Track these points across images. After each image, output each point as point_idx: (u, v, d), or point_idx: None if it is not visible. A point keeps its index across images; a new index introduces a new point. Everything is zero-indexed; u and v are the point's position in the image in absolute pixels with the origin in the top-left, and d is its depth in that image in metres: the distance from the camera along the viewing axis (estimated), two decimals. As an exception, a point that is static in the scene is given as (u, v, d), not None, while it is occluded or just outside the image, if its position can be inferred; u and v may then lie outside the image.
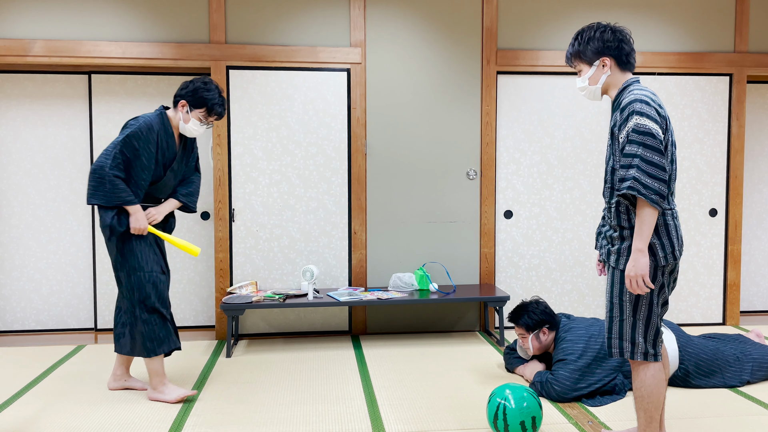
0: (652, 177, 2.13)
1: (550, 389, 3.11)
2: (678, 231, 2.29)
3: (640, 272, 2.19)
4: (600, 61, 2.33)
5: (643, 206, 2.16)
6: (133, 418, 2.93)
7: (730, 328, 4.62)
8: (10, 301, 4.44)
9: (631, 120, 2.18)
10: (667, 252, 2.25)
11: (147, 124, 3.04)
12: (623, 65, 2.34)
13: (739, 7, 4.62)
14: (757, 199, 4.99)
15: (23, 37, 4.15)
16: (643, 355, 2.29)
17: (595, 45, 2.33)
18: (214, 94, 3.10)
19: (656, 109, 2.19)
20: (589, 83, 2.38)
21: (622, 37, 2.32)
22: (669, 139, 2.25)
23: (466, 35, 4.46)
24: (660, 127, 2.18)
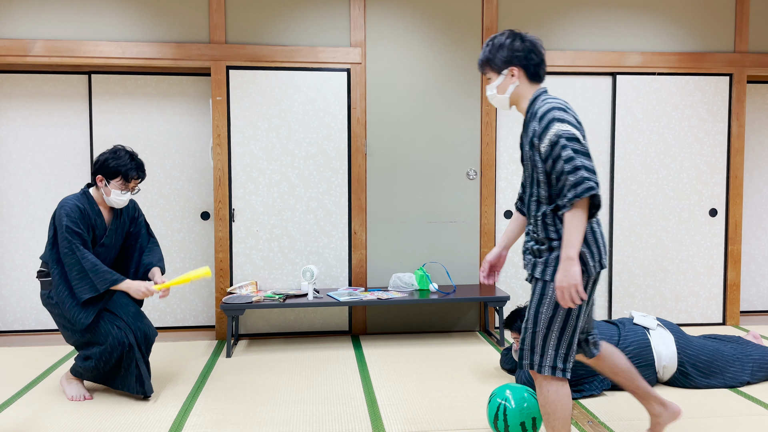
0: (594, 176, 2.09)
1: (520, 377, 3.21)
2: (603, 238, 2.22)
3: (573, 281, 2.07)
4: (509, 70, 2.25)
5: (582, 211, 2.07)
6: (134, 418, 2.93)
7: (730, 329, 4.62)
8: (10, 301, 4.44)
9: (552, 128, 2.10)
10: (595, 260, 2.18)
11: (74, 207, 3.04)
12: (532, 76, 2.26)
13: (739, 7, 4.62)
14: (757, 199, 4.99)
15: (23, 37, 4.15)
16: (551, 369, 2.19)
17: (504, 54, 2.25)
18: (125, 160, 3.08)
19: (574, 116, 2.15)
20: (497, 92, 2.30)
21: (532, 47, 2.24)
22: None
23: (466, 35, 4.46)
24: (580, 131, 2.14)
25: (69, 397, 3.17)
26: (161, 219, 4.48)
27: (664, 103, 4.62)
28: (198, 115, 4.50)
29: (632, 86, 4.59)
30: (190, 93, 4.48)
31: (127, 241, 3.32)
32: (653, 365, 3.25)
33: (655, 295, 4.69)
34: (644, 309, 4.67)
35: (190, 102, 4.48)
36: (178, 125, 4.48)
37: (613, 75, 4.58)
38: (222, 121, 4.28)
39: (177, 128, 4.48)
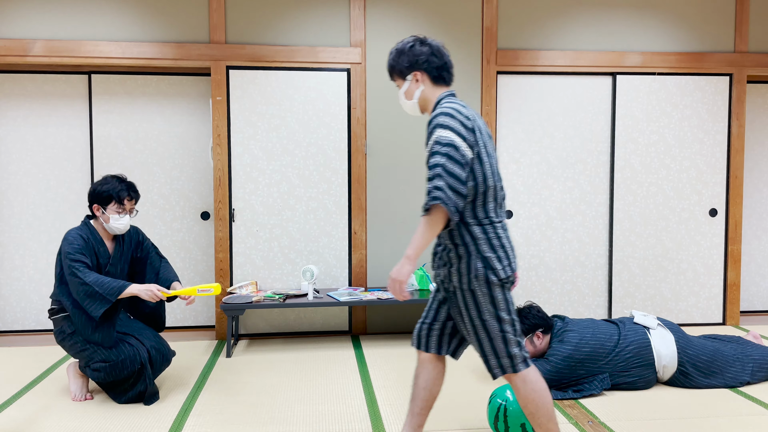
0: (453, 190, 2.07)
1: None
2: (510, 242, 2.24)
3: (401, 278, 2.13)
4: (412, 75, 2.28)
5: (438, 217, 2.09)
6: (134, 418, 2.93)
7: (730, 329, 4.62)
8: (10, 301, 4.44)
9: (434, 133, 2.12)
10: (504, 264, 2.19)
11: (77, 236, 3.07)
12: (436, 80, 2.28)
13: (739, 7, 4.62)
14: (757, 199, 4.99)
15: (23, 37, 4.15)
16: (525, 364, 2.22)
17: (406, 59, 2.27)
18: (113, 184, 3.11)
19: (462, 122, 2.13)
20: (405, 98, 2.32)
21: (433, 50, 2.25)
22: (484, 151, 2.18)
23: (466, 35, 4.46)
24: (464, 140, 2.12)
25: (71, 393, 3.18)
26: (161, 219, 4.48)
27: (664, 103, 4.62)
28: (198, 115, 4.50)
29: (632, 86, 4.59)
30: (190, 93, 4.48)
31: (134, 267, 3.34)
32: (653, 365, 3.26)
33: (655, 295, 4.69)
34: (644, 309, 4.68)
35: (190, 102, 4.48)
36: (178, 125, 4.48)
37: (613, 75, 4.58)
38: (222, 121, 4.28)
39: (177, 128, 4.48)
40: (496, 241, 2.19)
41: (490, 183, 2.19)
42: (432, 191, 2.06)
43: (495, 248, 2.19)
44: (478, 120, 2.22)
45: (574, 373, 3.18)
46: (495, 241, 2.19)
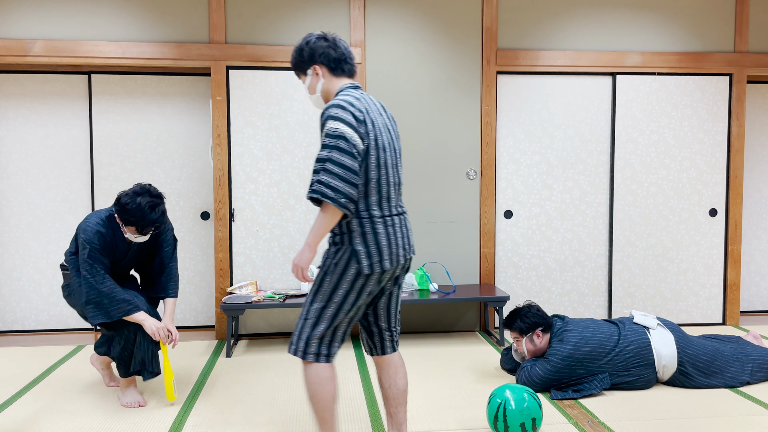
0: (344, 180, 2.07)
1: (520, 377, 3.27)
2: (391, 238, 2.24)
3: (302, 264, 2.18)
4: (312, 69, 2.31)
5: (328, 208, 2.10)
6: (134, 418, 2.93)
7: (730, 329, 4.62)
8: (10, 301, 4.44)
9: (326, 125, 2.14)
10: (373, 261, 2.19)
11: (96, 234, 2.94)
12: (335, 71, 2.31)
13: (739, 7, 4.62)
14: (757, 199, 4.99)
15: (23, 37, 4.15)
16: (315, 356, 2.24)
17: (306, 53, 2.30)
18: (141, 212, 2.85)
19: (353, 114, 2.14)
20: (309, 92, 2.35)
21: (329, 43, 2.29)
22: (373, 144, 2.18)
23: (466, 35, 4.46)
24: (356, 131, 2.12)
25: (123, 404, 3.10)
26: (161, 219, 4.48)
27: (664, 103, 4.62)
28: (198, 115, 4.50)
29: (632, 86, 4.59)
30: (190, 93, 4.48)
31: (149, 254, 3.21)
32: (653, 365, 3.26)
33: (655, 295, 4.69)
34: (644, 309, 4.68)
35: (190, 102, 4.48)
36: (178, 125, 4.48)
37: (613, 75, 4.58)
38: (222, 121, 4.28)
39: (177, 128, 4.48)
40: (371, 236, 2.20)
41: (372, 176, 2.19)
42: (313, 184, 2.08)
43: (368, 244, 2.20)
44: (373, 113, 2.23)
45: (574, 373, 3.18)
46: (370, 236, 2.20)
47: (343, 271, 2.21)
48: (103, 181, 4.41)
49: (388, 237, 2.24)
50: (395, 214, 2.29)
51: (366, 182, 2.19)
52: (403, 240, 2.30)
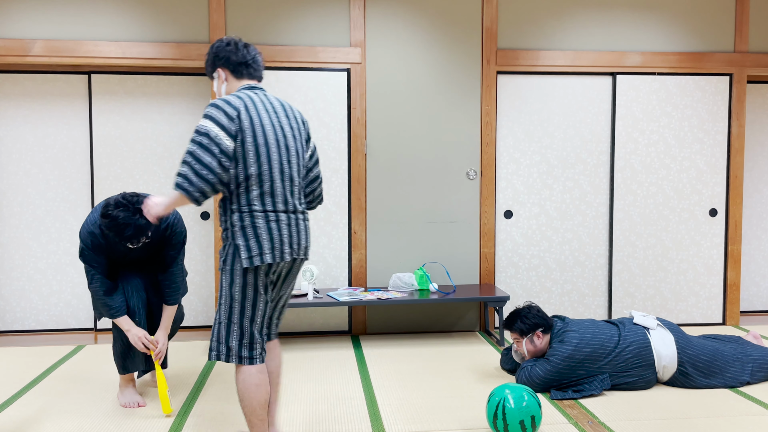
0: (199, 176, 2.16)
1: (520, 377, 3.27)
2: (273, 234, 2.28)
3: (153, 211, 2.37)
4: (217, 72, 2.40)
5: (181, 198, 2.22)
6: (133, 419, 2.93)
7: (730, 329, 4.62)
8: (10, 301, 4.44)
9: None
10: (252, 254, 2.24)
11: (89, 236, 2.89)
12: (237, 74, 2.39)
13: (739, 7, 4.62)
14: (757, 199, 4.99)
15: (23, 37, 4.15)
16: (238, 359, 2.30)
17: (211, 59, 2.40)
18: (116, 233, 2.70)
19: (225, 111, 2.21)
20: (217, 94, 2.45)
21: (232, 47, 2.37)
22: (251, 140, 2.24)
23: (466, 35, 4.46)
24: (223, 129, 2.19)
25: (122, 404, 3.08)
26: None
27: (664, 103, 4.62)
28: (198, 115, 4.50)
29: (632, 86, 4.59)
30: (190, 93, 4.48)
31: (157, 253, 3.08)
32: (653, 365, 3.26)
33: (655, 295, 4.69)
34: (644, 309, 4.68)
35: (190, 102, 4.48)
36: (178, 125, 4.48)
37: (613, 75, 4.59)
38: (222, 121, 4.27)
39: (177, 128, 4.48)
40: (250, 230, 2.25)
41: (251, 171, 2.24)
42: (176, 177, 2.19)
43: (247, 237, 2.25)
44: (258, 112, 2.27)
45: (574, 374, 3.18)
46: (249, 230, 2.25)
47: (232, 267, 2.28)
48: (103, 181, 4.41)
49: (269, 232, 2.28)
50: (282, 210, 2.33)
51: (246, 177, 2.25)
52: (290, 238, 2.34)
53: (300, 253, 2.40)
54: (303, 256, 2.43)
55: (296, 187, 2.37)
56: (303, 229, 2.41)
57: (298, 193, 2.39)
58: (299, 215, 2.39)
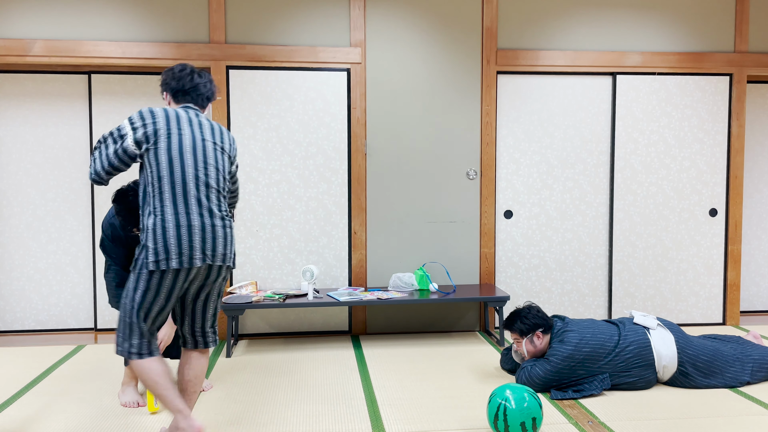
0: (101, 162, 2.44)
1: (520, 377, 3.27)
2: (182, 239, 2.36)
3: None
4: (164, 95, 2.67)
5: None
6: (133, 418, 2.93)
7: (730, 329, 4.62)
8: (9, 301, 4.44)
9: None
10: (159, 258, 2.34)
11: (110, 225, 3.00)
12: (176, 99, 2.63)
13: (739, 7, 4.62)
14: (757, 199, 4.99)
15: (23, 37, 4.15)
16: (138, 355, 2.42)
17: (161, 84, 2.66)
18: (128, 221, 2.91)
19: (142, 116, 2.45)
20: None
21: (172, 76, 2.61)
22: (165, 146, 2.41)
23: (466, 35, 4.46)
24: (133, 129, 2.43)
25: (122, 403, 3.11)
26: (161, 219, 4.48)
27: (664, 103, 4.62)
28: (198, 115, 4.50)
29: (632, 86, 4.59)
30: (190, 93, 4.48)
31: None
32: (653, 365, 3.26)
33: (655, 295, 4.69)
34: (644, 309, 4.68)
35: (190, 102, 4.48)
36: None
37: (613, 75, 4.59)
38: (222, 121, 4.27)
39: (177, 128, 4.47)
40: (159, 233, 2.35)
41: (163, 174, 2.39)
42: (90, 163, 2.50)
43: (156, 240, 2.35)
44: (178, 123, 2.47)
45: (574, 373, 3.18)
46: (159, 232, 2.35)
47: (140, 268, 2.38)
48: (103, 181, 4.40)
49: (178, 237, 2.35)
50: (194, 213, 2.39)
51: (158, 179, 2.40)
52: (204, 244, 2.39)
53: (216, 259, 2.44)
54: (221, 263, 2.47)
55: (213, 193, 2.46)
56: (221, 235, 2.46)
57: (217, 199, 2.47)
58: (216, 220, 2.45)
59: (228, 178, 2.61)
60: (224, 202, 2.55)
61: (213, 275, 2.51)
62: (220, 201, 2.50)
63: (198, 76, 2.65)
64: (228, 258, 2.51)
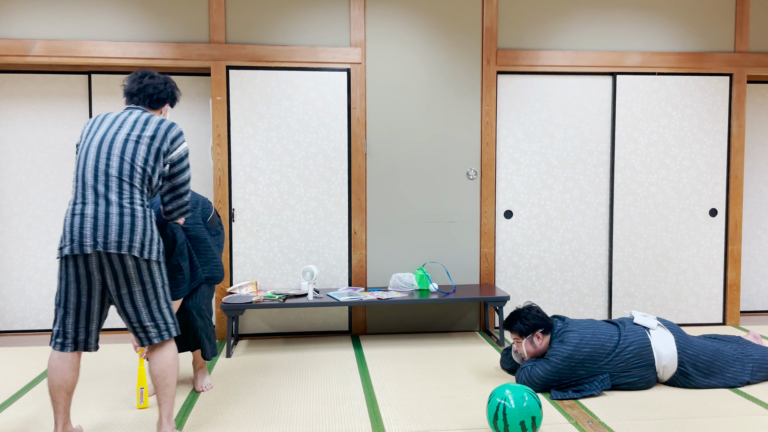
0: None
1: (520, 377, 3.27)
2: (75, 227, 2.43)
3: None
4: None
5: None
6: (133, 418, 2.93)
7: (730, 329, 4.62)
8: (9, 301, 4.44)
9: None
10: (62, 244, 2.46)
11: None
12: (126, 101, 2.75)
13: (739, 7, 4.62)
14: (757, 199, 4.99)
15: (23, 37, 4.15)
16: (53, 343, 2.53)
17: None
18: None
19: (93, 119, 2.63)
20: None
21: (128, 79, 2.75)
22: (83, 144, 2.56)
23: (466, 35, 4.46)
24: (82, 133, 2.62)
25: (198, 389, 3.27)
26: (161, 219, 4.48)
27: (664, 103, 4.62)
28: (198, 115, 4.50)
29: (632, 86, 4.59)
30: (190, 93, 4.48)
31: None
32: (653, 365, 3.26)
33: (655, 295, 4.69)
34: (644, 309, 4.68)
35: (190, 102, 4.48)
36: (178, 125, 4.47)
37: (613, 75, 4.59)
38: (222, 121, 4.28)
39: (177, 128, 4.47)
40: (65, 221, 2.48)
41: (76, 168, 2.53)
42: None
43: (63, 229, 2.51)
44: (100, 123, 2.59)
45: (575, 374, 3.18)
46: (65, 221, 2.48)
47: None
48: (103, 181, 4.41)
49: (71, 225, 2.44)
50: (89, 202, 2.44)
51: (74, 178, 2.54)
52: (95, 232, 2.42)
53: (109, 246, 2.41)
54: (115, 250, 2.41)
55: (114, 182, 2.47)
56: (115, 223, 2.43)
57: (118, 187, 2.47)
58: (112, 208, 2.44)
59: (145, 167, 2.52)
60: (132, 191, 2.49)
61: (117, 265, 2.44)
62: (122, 189, 2.46)
63: (149, 78, 2.73)
64: (125, 246, 2.42)
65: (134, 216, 2.47)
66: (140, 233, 2.47)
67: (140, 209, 2.49)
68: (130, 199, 2.48)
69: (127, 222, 2.45)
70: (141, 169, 2.51)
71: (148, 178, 2.54)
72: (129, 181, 2.49)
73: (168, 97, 2.81)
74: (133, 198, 2.49)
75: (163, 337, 2.56)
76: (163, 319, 2.56)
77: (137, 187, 2.51)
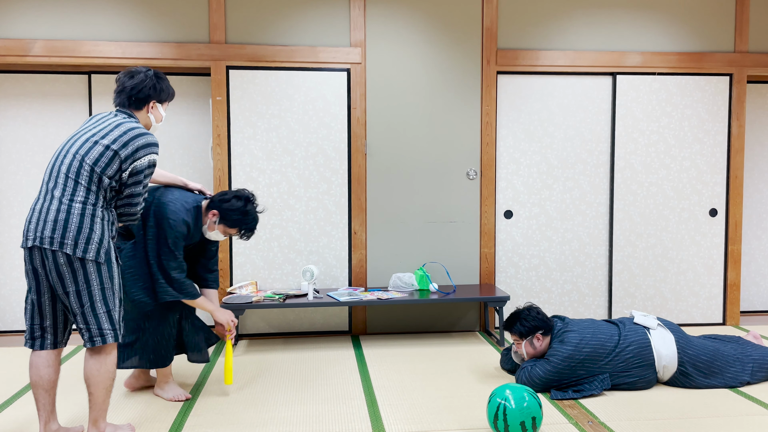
0: None
1: (520, 377, 3.27)
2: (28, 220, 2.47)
3: None
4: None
5: None
6: (133, 418, 2.93)
7: (730, 329, 4.62)
8: (10, 301, 4.44)
9: None
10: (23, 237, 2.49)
11: (183, 224, 2.99)
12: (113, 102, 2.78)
13: (739, 7, 4.62)
14: (757, 199, 4.99)
15: (23, 37, 4.15)
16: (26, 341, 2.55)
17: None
18: (252, 224, 3.12)
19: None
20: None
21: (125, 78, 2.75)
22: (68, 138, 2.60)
23: (466, 35, 4.46)
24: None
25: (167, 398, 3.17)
26: (161, 219, 4.48)
27: (664, 103, 4.62)
28: (198, 115, 4.50)
29: (632, 86, 4.59)
30: (190, 93, 4.48)
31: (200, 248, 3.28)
32: (653, 365, 3.26)
33: (655, 295, 4.69)
34: (644, 309, 4.68)
35: (190, 102, 4.48)
36: (178, 125, 4.48)
37: (613, 75, 4.59)
38: (222, 121, 4.28)
39: (177, 128, 4.48)
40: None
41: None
42: None
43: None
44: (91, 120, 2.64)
45: (575, 374, 3.18)
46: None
47: None
48: (103, 181, 4.41)
49: (28, 218, 2.49)
50: (39, 198, 2.50)
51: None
52: (36, 226, 2.45)
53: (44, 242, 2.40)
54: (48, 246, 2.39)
55: (62, 179, 2.47)
56: (51, 219, 2.42)
57: (64, 183, 2.46)
58: (53, 204, 2.44)
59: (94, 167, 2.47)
60: (77, 188, 2.45)
61: (51, 262, 2.41)
62: (66, 186, 2.45)
63: (129, 77, 2.71)
64: (56, 242, 2.38)
65: (70, 213, 2.42)
66: (74, 230, 2.41)
67: (79, 206, 2.44)
68: (71, 195, 2.45)
69: (61, 218, 2.41)
70: (89, 168, 2.47)
71: (97, 178, 2.48)
72: (75, 178, 2.46)
73: (151, 95, 2.72)
74: (75, 195, 2.45)
75: (94, 343, 2.46)
76: (97, 324, 2.45)
77: (83, 184, 2.46)
